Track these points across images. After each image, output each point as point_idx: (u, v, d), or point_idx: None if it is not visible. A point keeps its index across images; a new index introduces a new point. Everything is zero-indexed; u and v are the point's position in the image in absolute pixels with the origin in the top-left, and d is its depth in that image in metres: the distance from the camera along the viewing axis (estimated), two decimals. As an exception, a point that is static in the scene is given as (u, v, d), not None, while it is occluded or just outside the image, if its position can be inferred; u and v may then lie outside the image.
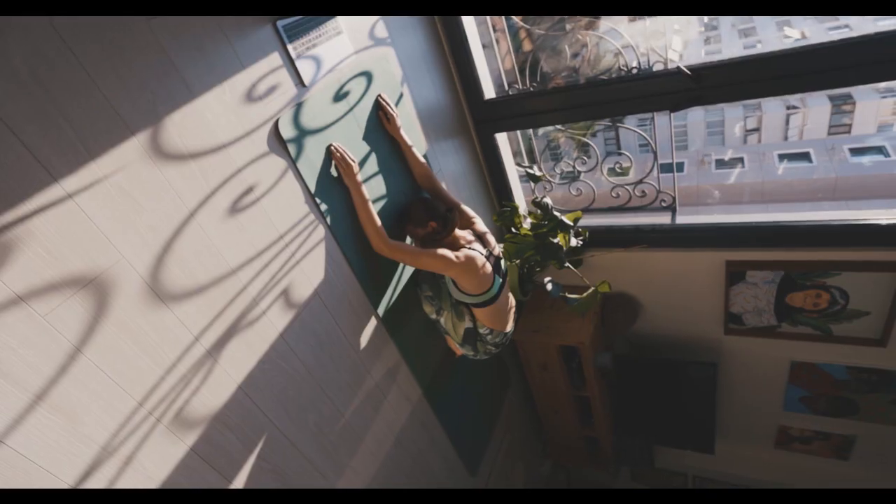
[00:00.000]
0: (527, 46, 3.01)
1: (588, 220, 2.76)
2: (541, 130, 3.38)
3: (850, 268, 2.18)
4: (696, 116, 17.85)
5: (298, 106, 1.49)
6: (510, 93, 2.39)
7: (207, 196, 1.22)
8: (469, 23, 2.24)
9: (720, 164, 15.21)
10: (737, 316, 2.57)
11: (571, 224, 2.14)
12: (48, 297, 0.92)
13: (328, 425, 1.60)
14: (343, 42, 1.67)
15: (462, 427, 2.41)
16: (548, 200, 2.17)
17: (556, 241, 2.13)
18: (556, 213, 2.15)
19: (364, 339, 1.75)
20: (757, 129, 17.59)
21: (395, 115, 1.82)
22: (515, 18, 2.48)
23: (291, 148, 1.46)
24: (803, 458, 3.04)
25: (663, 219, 2.62)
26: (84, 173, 0.99)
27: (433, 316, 1.99)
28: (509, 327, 2.00)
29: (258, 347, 1.35)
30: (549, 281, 2.17)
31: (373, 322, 1.79)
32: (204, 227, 1.21)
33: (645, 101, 2.13)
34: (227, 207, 1.27)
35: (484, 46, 2.45)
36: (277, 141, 1.42)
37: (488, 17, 2.48)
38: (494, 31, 2.58)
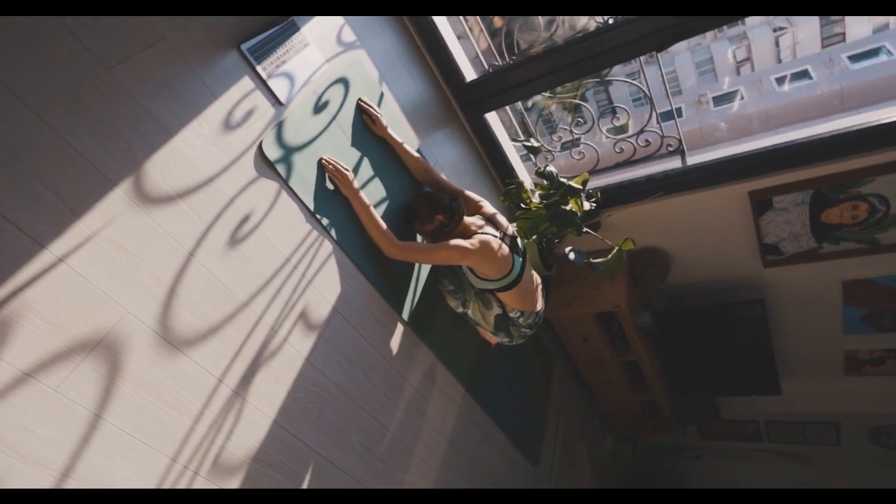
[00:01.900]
0: (497, 23, 2.93)
1: (597, 181, 2.67)
2: (530, 102, 3.29)
3: (883, 171, 2.06)
4: (684, 59, 17.45)
5: (279, 125, 1.44)
6: (490, 71, 2.31)
7: (203, 233, 1.18)
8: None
9: (718, 101, 14.83)
10: (773, 246, 2.45)
11: (580, 187, 2.05)
12: (56, 368, 0.89)
13: (374, 443, 1.55)
14: (312, 53, 1.62)
15: (513, 417, 2.34)
16: (552, 168, 2.08)
17: (568, 207, 2.04)
18: (562, 179, 2.06)
19: (394, 346, 1.70)
20: (748, 59, 17.11)
21: (379, 115, 1.77)
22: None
23: (280, 168, 1.41)
24: (879, 380, 2.89)
25: (673, 163, 2.52)
26: (72, 234, 0.96)
27: (459, 310, 1.93)
28: (539, 306, 1.92)
29: (286, 377, 1.30)
30: (571, 250, 2.08)
31: (399, 328, 1.74)
32: (206, 265, 1.17)
33: (628, 48, 2.03)
34: (226, 240, 1.23)
35: (459, 38, 2.38)
36: (265, 164, 1.37)
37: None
38: (464, 19, 2.51)
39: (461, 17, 2.51)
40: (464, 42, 2.43)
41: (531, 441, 2.46)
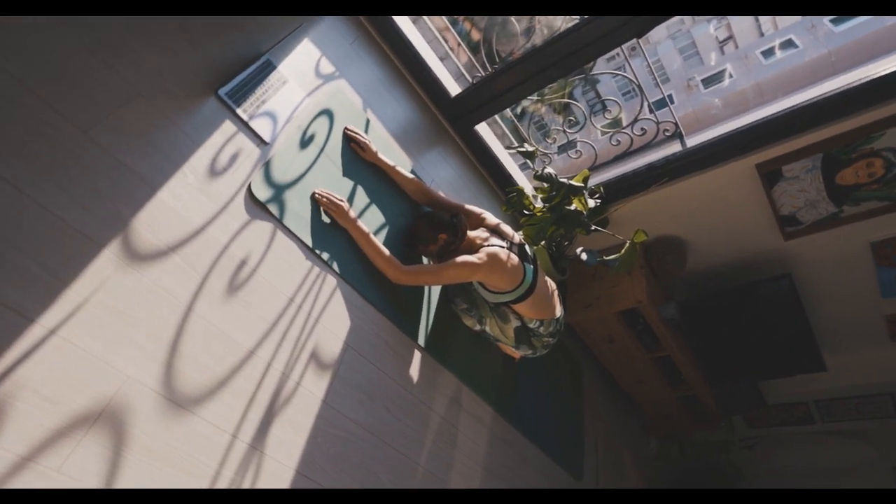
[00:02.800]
0: (475, 36, 2.93)
1: (598, 177, 2.61)
2: (519, 109, 3.27)
3: (893, 123, 1.98)
4: (667, 47, 17.51)
5: (267, 165, 1.41)
6: (474, 83, 2.29)
7: (200, 284, 1.14)
8: (411, 31, 2.16)
9: (707, 82, 14.78)
10: (790, 217, 2.36)
11: (582, 185, 2.00)
12: (58, 446, 0.84)
13: (405, 479, 1.47)
14: (292, 89, 1.60)
15: (549, 432, 2.24)
16: (550, 170, 2.04)
17: (572, 208, 1.99)
18: (562, 180, 2.01)
19: (414, 374, 1.63)
20: (730, 37, 17.10)
21: (367, 141, 1.74)
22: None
23: (273, 208, 1.38)
24: (928, 341, 2.74)
25: (673, 148, 2.47)
26: (62, 304, 0.92)
27: (477, 328, 1.87)
28: (558, 312, 1.85)
29: (303, 423, 1.24)
30: (583, 250, 2.02)
31: (417, 355, 1.67)
32: (206, 317, 1.12)
33: (609, 39, 1.99)
34: (225, 289, 1.19)
35: (442, 59, 2.37)
36: (256, 205, 1.34)
37: (427, 20, 2.41)
38: (441, 35, 2.51)
39: (440, 36, 2.52)
40: (446, 61, 2.43)
41: (571, 454, 2.35)
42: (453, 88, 2.31)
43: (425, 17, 2.41)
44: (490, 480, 1.82)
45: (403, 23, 2.14)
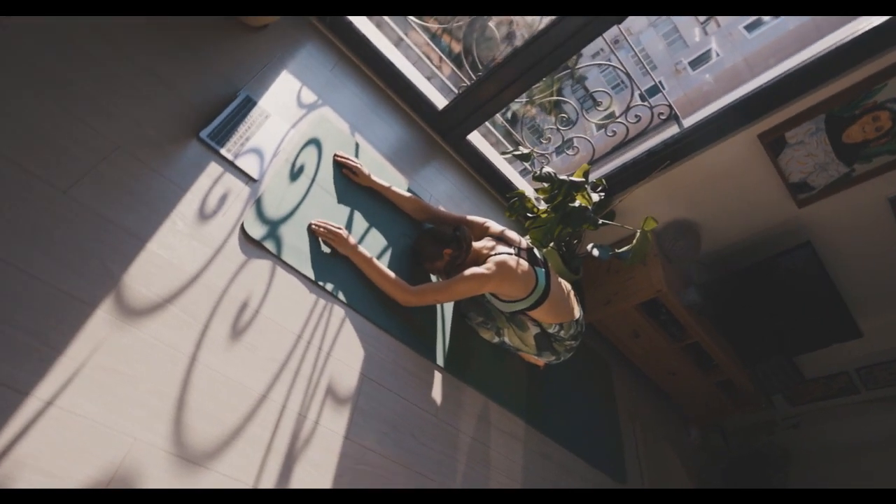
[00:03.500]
0: (455, 48, 2.91)
1: (599, 171, 2.56)
2: (510, 114, 3.24)
3: (893, 73, 1.91)
4: (649, 35, 17.55)
5: (258, 202, 1.38)
6: (460, 92, 2.26)
7: (202, 333, 1.10)
8: (391, 50, 2.15)
9: (694, 64, 14.75)
10: (801, 184, 2.29)
11: (583, 180, 1.95)
12: (64, 523, 0.79)
13: (444, 507, 1.40)
14: (276, 123, 1.58)
15: (585, 438, 2.15)
16: (548, 169, 1.99)
17: (576, 204, 1.93)
18: (561, 177, 1.96)
19: (437, 397, 1.57)
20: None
21: (358, 165, 1.71)
22: (431, 27, 2.40)
23: (269, 245, 1.34)
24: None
25: (671, 131, 2.42)
26: (57, 372, 0.88)
27: (495, 340, 1.80)
28: (577, 313, 1.79)
29: (327, 462, 1.18)
30: (594, 246, 1.96)
31: (438, 376, 1.61)
32: (211, 366, 1.08)
33: (590, 29, 1.95)
34: (228, 334, 1.14)
35: (429, 79, 2.35)
36: (251, 244, 1.30)
37: (408, 39, 2.40)
38: (423, 52, 2.50)
39: (421, 53, 2.50)
40: (433, 79, 2.41)
41: (611, 458, 2.25)
42: (440, 102, 2.28)
43: (407, 39, 2.41)
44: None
45: (382, 43, 2.13)
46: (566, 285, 1.83)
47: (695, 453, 3.23)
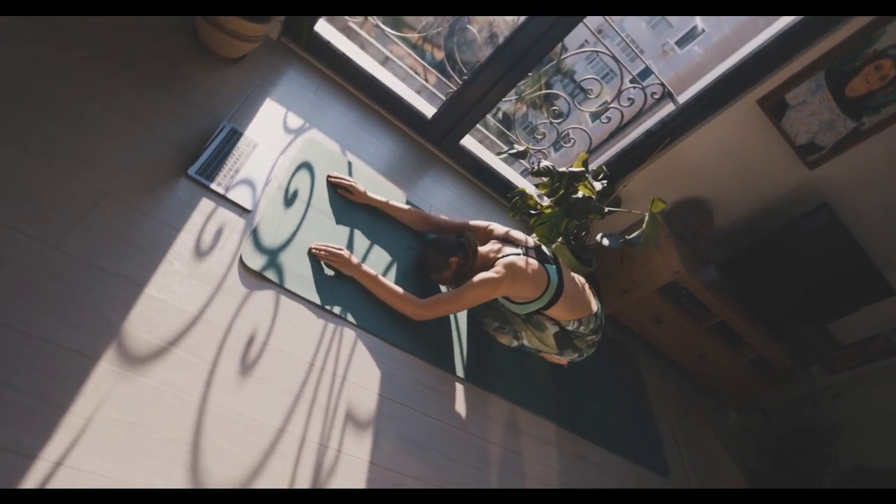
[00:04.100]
0: (438, 55, 2.89)
1: (598, 159, 2.52)
2: (501, 114, 3.21)
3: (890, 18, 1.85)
4: (631, 22, 17.54)
5: (254, 232, 1.36)
6: (448, 98, 2.24)
7: (210, 372, 1.06)
8: (372, 65, 2.13)
9: (681, 43, 14.68)
10: (809, 145, 2.22)
11: (583, 170, 1.90)
12: (82, 590, 0.75)
13: (482, 523, 1.34)
14: (264, 151, 1.56)
15: (621, 434, 2.07)
16: (546, 163, 1.95)
17: (579, 195, 1.88)
18: (560, 169, 1.92)
19: (461, 410, 1.51)
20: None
21: (353, 184, 1.69)
22: (411, 37, 2.38)
23: (270, 274, 1.31)
24: None
25: (667, 109, 2.37)
26: (63, 431, 0.85)
27: (514, 344, 1.75)
28: (594, 307, 1.73)
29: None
30: (603, 236, 1.91)
31: (459, 388, 1.56)
32: (223, 405, 1.04)
33: (568, 19, 1.91)
34: (237, 371, 1.11)
35: (419, 92, 2.33)
36: (252, 276, 1.27)
37: (391, 54, 2.39)
38: (406, 64, 2.48)
39: (405, 65, 2.48)
40: (422, 93, 2.39)
41: (651, 452, 2.17)
42: (429, 111, 2.26)
43: (392, 55, 2.39)
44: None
45: (364, 59, 2.11)
46: (580, 279, 1.78)
47: (738, 437, 3.12)
